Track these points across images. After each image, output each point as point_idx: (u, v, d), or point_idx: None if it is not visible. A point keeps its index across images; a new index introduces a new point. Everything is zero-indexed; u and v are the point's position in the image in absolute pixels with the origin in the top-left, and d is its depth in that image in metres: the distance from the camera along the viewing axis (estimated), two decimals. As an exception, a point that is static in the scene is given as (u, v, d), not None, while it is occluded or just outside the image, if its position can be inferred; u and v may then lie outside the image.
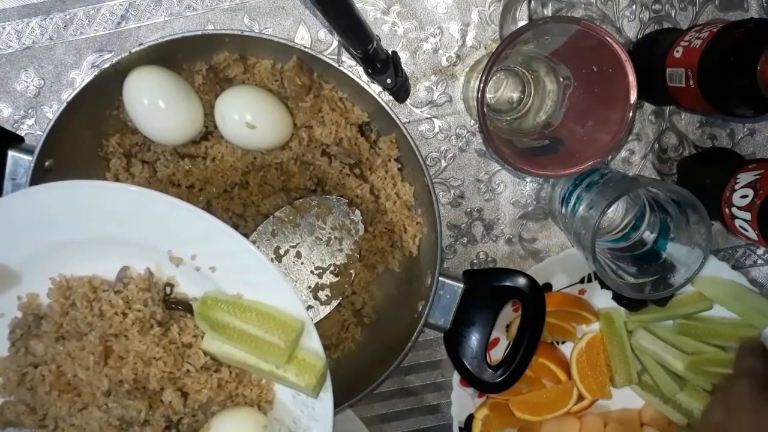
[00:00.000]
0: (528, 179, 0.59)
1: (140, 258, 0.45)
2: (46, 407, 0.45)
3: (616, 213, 0.56)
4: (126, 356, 0.44)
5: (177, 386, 0.45)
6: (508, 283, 0.51)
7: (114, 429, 0.44)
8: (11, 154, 0.50)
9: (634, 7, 0.57)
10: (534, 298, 0.51)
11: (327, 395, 0.44)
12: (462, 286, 0.52)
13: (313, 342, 0.44)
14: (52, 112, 0.56)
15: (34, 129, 0.56)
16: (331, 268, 0.56)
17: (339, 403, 0.52)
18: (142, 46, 0.48)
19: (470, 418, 0.57)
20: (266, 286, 0.43)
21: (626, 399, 0.59)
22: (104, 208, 0.43)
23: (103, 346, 0.44)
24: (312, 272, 0.56)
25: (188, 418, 0.45)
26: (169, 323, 0.45)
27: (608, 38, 0.44)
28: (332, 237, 0.56)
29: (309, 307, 0.56)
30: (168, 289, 0.46)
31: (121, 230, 0.43)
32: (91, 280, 0.46)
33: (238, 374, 0.46)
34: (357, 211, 0.55)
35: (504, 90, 0.56)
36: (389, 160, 0.54)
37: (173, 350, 0.44)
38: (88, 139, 0.51)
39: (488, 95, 0.56)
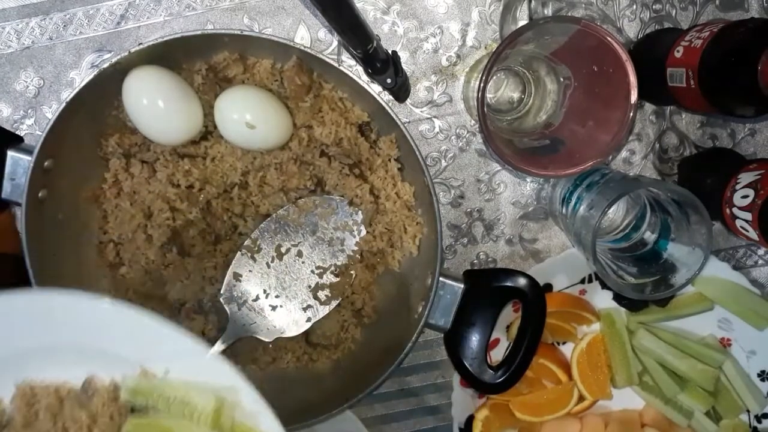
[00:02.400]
0: (528, 179, 0.59)
1: (108, 366, 0.43)
2: None
3: (617, 213, 0.56)
4: None
5: None
6: (508, 284, 0.51)
7: None
8: (10, 154, 0.50)
9: (634, 6, 0.57)
10: (534, 299, 0.51)
11: None
12: (462, 286, 0.51)
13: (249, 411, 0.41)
14: (51, 112, 0.56)
15: (33, 129, 0.56)
16: (332, 268, 0.56)
17: (339, 404, 0.52)
18: (141, 46, 0.48)
19: (470, 419, 0.57)
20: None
21: (627, 400, 0.58)
22: (75, 318, 0.41)
23: None
24: (312, 272, 0.56)
25: None
26: None
27: (609, 38, 0.44)
28: (334, 237, 0.56)
29: (308, 307, 0.56)
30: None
31: (92, 340, 0.42)
32: (58, 390, 0.43)
33: None
34: (359, 212, 0.55)
35: (504, 90, 0.56)
36: (389, 160, 0.54)
37: None
38: (87, 139, 0.51)
39: (488, 95, 0.56)
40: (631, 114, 0.45)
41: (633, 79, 0.45)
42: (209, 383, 0.41)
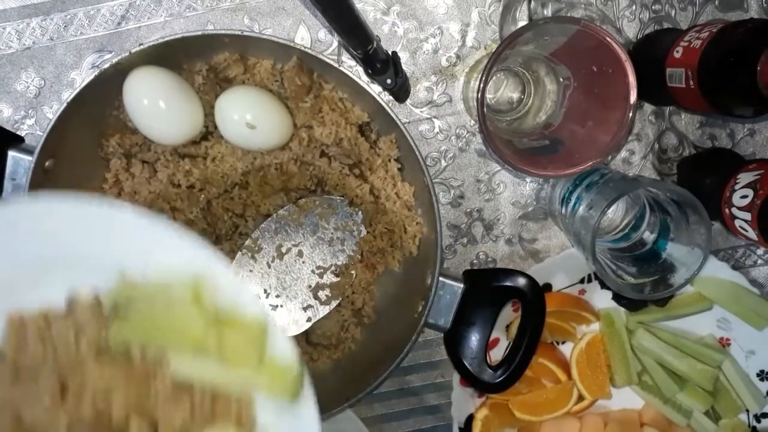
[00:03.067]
0: (528, 179, 0.59)
1: (89, 278, 0.42)
2: None
3: (616, 213, 0.56)
4: (84, 389, 0.40)
5: (145, 414, 0.41)
6: (508, 283, 0.51)
7: None
8: (11, 154, 0.50)
9: (633, 7, 0.57)
10: (534, 299, 0.51)
11: (309, 398, 0.41)
12: (462, 286, 0.52)
13: (282, 343, 0.40)
14: (52, 112, 0.56)
15: (34, 129, 0.56)
16: (332, 268, 0.56)
17: (339, 404, 0.52)
18: (142, 47, 0.48)
19: (470, 419, 0.57)
20: (225, 288, 0.40)
21: (626, 399, 0.59)
22: (47, 226, 0.40)
23: (57, 383, 0.40)
24: (313, 271, 0.56)
25: None
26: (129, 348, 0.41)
27: (608, 38, 0.44)
28: (335, 237, 0.56)
29: (309, 307, 0.56)
30: None
31: (65, 249, 0.41)
32: (46, 314, 0.42)
33: (213, 393, 0.42)
34: (360, 212, 0.55)
35: (504, 90, 0.56)
36: (389, 160, 0.54)
37: (136, 376, 0.41)
38: (88, 139, 0.51)
39: (488, 95, 0.56)
40: (631, 114, 0.45)
41: (632, 79, 0.45)
42: (187, 269, 0.40)
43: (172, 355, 0.41)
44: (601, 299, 0.58)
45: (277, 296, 0.56)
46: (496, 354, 0.57)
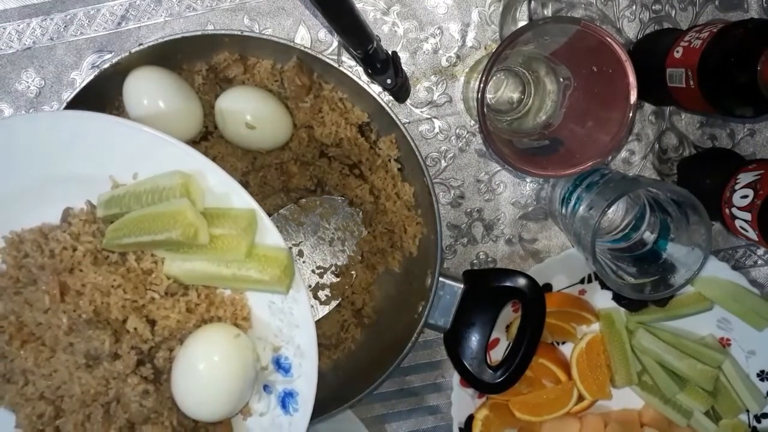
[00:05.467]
0: (528, 180, 0.59)
1: (83, 194, 0.44)
2: (11, 360, 0.44)
3: (616, 213, 0.56)
4: (83, 290, 0.42)
5: (142, 314, 0.43)
6: (508, 284, 0.51)
7: (83, 369, 0.42)
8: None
9: (634, 7, 0.57)
10: (534, 299, 0.51)
11: (301, 295, 0.42)
12: (462, 286, 0.52)
13: (270, 236, 0.41)
14: (52, 112, 0.56)
15: (34, 129, 0.56)
16: (333, 268, 0.56)
17: (339, 404, 0.52)
18: (142, 47, 0.48)
19: (470, 419, 0.57)
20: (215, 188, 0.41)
21: (626, 399, 0.59)
22: (41, 144, 0.41)
23: (57, 283, 0.42)
24: (313, 271, 0.56)
25: (162, 351, 0.43)
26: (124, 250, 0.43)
27: (608, 38, 0.44)
28: (335, 237, 0.56)
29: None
30: None
31: (60, 167, 0.42)
32: (41, 228, 0.44)
33: (208, 295, 0.44)
34: (360, 213, 0.55)
35: (504, 90, 0.56)
36: (389, 160, 0.54)
37: (132, 278, 0.43)
38: (88, 139, 0.52)
39: (488, 95, 0.56)
40: (631, 114, 0.45)
41: (632, 79, 0.45)
42: (176, 171, 0.41)
43: (164, 255, 0.42)
44: (601, 299, 0.58)
45: (277, 296, 0.56)
46: (496, 354, 0.57)
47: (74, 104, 0.47)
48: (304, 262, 0.56)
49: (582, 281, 0.58)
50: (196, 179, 0.41)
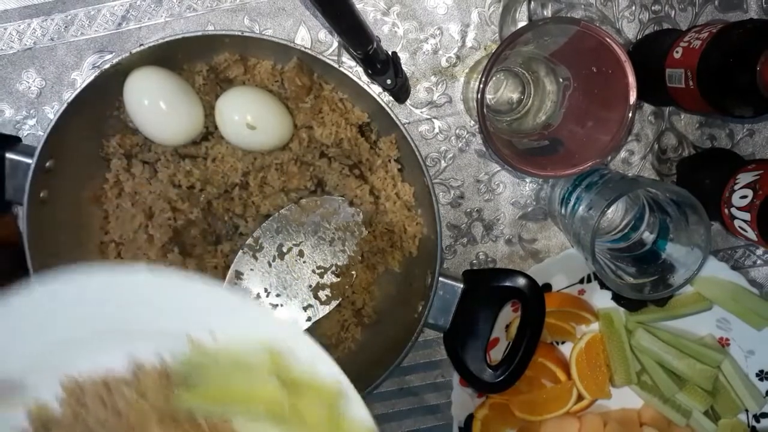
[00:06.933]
0: (528, 180, 0.59)
1: (151, 343, 0.40)
2: None
3: (616, 213, 0.56)
4: None
5: None
6: (507, 284, 0.51)
7: None
8: (9, 156, 0.50)
9: (633, 8, 0.57)
10: (534, 299, 0.51)
11: None
12: (462, 286, 0.52)
13: (355, 406, 0.39)
14: (53, 112, 0.56)
15: (35, 129, 0.57)
16: (333, 268, 0.56)
17: (339, 403, 0.52)
18: (142, 47, 0.48)
19: (470, 418, 0.57)
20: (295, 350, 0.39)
21: (626, 399, 0.59)
22: (112, 298, 0.39)
23: None
24: (313, 271, 0.56)
25: None
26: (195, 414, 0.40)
27: (608, 39, 0.44)
28: (335, 237, 0.56)
29: (309, 306, 0.56)
30: None
31: (132, 320, 0.39)
32: (105, 380, 0.40)
33: None
34: (360, 213, 0.55)
35: (504, 91, 0.57)
36: (389, 160, 0.54)
37: None
38: (88, 139, 0.52)
39: (488, 96, 0.56)
40: (630, 114, 0.45)
41: (632, 79, 0.45)
42: (258, 338, 0.38)
43: (240, 420, 0.40)
44: (601, 299, 0.58)
45: (278, 295, 0.56)
46: (496, 354, 0.57)
47: (75, 104, 0.48)
48: (304, 262, 0.56)
49: (581, 281, 0.58)
50: (283, 347, 0.38)
